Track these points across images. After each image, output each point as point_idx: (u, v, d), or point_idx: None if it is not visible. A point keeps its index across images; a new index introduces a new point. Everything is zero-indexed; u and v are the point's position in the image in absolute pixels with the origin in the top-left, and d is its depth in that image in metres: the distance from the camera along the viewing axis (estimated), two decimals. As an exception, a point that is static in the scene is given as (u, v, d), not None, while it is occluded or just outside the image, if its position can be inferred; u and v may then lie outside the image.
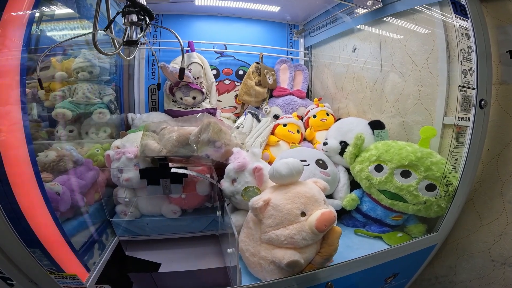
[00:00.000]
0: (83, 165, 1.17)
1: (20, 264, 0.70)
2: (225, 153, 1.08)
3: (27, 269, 0.71)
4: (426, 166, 0.94)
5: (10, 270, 0.70)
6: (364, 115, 1.42)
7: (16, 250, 0.70)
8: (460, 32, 0.84)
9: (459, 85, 0.84)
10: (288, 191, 0.83)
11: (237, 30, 1.74)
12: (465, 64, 0.84)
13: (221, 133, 1.09)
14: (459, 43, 0.83)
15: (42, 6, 0.91)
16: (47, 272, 0.73)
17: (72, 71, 1.28)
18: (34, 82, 1.21)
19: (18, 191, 0.77)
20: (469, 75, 0.85)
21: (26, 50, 0.81)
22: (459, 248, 1.09)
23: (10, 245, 0.70)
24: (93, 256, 1.06)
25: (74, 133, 1.34)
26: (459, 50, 0.84)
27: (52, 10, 0.98)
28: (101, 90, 1.36)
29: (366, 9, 1.21)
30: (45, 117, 1.26)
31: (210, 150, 1.05)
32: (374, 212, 1.09)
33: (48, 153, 1.08)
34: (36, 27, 0.95)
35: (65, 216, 1.02)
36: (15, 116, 0.80)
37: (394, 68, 1.22)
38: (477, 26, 0.84)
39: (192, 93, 1.51)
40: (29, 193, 0.82)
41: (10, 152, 0.78)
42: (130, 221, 1.24)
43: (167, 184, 1.18)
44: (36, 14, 0.85)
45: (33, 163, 0.84)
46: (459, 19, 0.84)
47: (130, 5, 0.77)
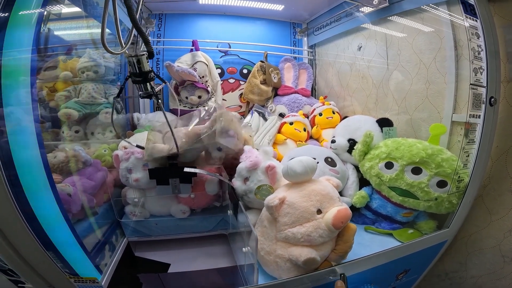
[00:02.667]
0: (91, 166, 1.16)
1: (38, 268, 0.69)
2: (237, 144, 1.07)
3: (46, 273, 0.70)
4: (437, 162, 0.95)
5: (27, 274, 0.69)
6: (369, 113, 1.43)
7: (34, 253, 0.69)
8: (470, 31, 0.85)
9: (470, 83, 0.85)
10: (303, 189, 0.83)
11: (241, 29, 1.74)
12: (475, 63, 0.86)
13: (232, 123, 1.09)
14: (470, 42, 0.84)
15: (50, 4, 0.90)
16: (67, 276, 0.72)
17: (77, 71, 1.27)
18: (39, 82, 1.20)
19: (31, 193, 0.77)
20: (479, 74, 0.86)
21: (35, 49, 0.80)
22: (469, 244, 1.11)
23: (28, 248, 0.69)
24: (104, 257, 1.05)
25: (80, 134, 1.33)
26: (469, 49, 0.85)
27: (59, 9, 0.96)
28: (107, 90, 1.34)
29: (372, 7, 1.22)
30: (49, 118, 1.24)
31: (224, 140, 1.04)
32: (384, 209, 1.10)
33: (56, 154, 1.06)
34: (44, 26, 0.94)
35: (76, 217, 1.01)
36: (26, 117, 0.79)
37: (401, 66, 1.24)
38: (486, 25, 0.86)
39: (197, 92, 1.51)
40: (41, 195, 0.81)
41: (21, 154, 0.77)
42: (139, 221, 1.23)
43: (176, 184, 1.17)
44: (44, 12, 0.83)
45: (45, 164, 0.83)
46: (469, 18, 0.86)
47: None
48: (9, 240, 0.64)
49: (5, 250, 0.65)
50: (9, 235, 0.64)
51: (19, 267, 0.68)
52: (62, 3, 0.94)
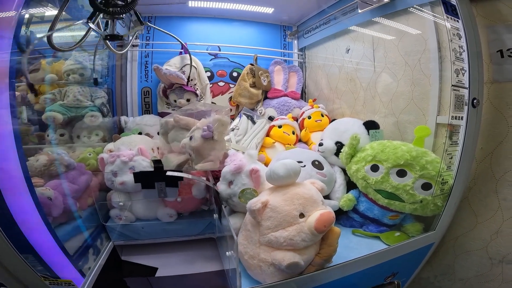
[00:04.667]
0: (75, 169, 1.15)
1: (13, 270, 0.68)
2: (215, 164, 1.09)
3: (21, 275, 0.69)
4: (421, 165, 0.95)
5: (4, 276, 0.68)
6: (357, 116, 1.43)
7: (9, 256, 0.68)
8: (452, 32, 0.85)
9: (451, 85, 0.86)
10: (286, 193, 0.83)
11: (231, 32, 1.74)
12: (457, 64, 0.86)
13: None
14: (451, 43, 0.84)
15: (32, 7, 0.89)
16: (41, 278, 0.71)
17: (62, 73, 1.26)
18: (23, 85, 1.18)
19: (9, 196, 0.75)
20: (461, 75, 0.86)
21: (15, 52, 0.79)
22: (456, 246, 1.11)
23: (3, 251, 0.67)
24: (88, 261, 1.04)
25: (66, 137, 1.31)
26: (451, 50, 0.85)
27: (42, 11, 0.96)
28: (93, 93, 1.33)
29: (371, 5, 1.20)
30: (35, 121, 1.23)
31: (201, 166, 1.07)
32: (371, 212, 1.09)
33: (39, 158, 1.05)
34: (26, 29, 0.93)
35: (58, 221, 0.99)
36: (4, 120, 0.78)
37: (387, 68, 1.24)
38: (468, 26, 0.86)
39: (186, 95, 1.50)
40: (20, 199, 0.80)
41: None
42: (125, 225, 1.22)
43: (162, 187, 1.16)
44: (26, 15, 0.82)
45: (24, 168, 0.82)
46: (450, 19, 0.86)
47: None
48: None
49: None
50: None
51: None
52: (45, 6, 0.93)
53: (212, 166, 1.09)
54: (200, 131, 1.08)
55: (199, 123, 1.12)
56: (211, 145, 1.09)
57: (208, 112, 1.22)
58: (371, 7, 1.16)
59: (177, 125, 1.21)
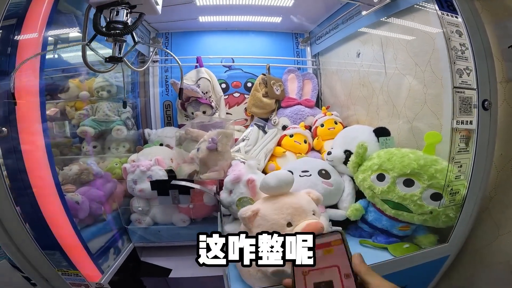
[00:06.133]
0: (102, 178, 1.31)
1: (34, 263, 0.80)
2: (220, 174, 1.14)
3: (41, 268, 0.81)
4: (430, 174, 0.88)
5: (26, 268, 0.81)
6: (373, 122, 1.36)
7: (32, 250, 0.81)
8: (449, 29, 0.78)
9: (454, 87, 0.78)
10: (277, 202, 0.84)
11: (244, 43, 1.80)
12: (459, 63, 0.78)
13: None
14: (449, 41, 0.78)
15: (53, 30, 0.99)
16: (55, 269, 0.82)
17: (93, 90, 1.44)
18: (63, 102, 1.39)
19: (42, 201, 0.90)
20: (465, 75, 0.78)
21: (43, 72, 0.94)
22: (477, 259, 1.00)
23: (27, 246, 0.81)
24: (108, 259, 1.16)
25: (98, 149, 1.49)
26: (449, 49, 0.78)
27: (63, 33, 1.09)
28: (119, 108, 1.50)
29: (373, 6, 1.17)
30: (74, 134, 1.43)
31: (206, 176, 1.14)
32: (380, 222, 1.03)
33: (72, 167, 1.22)
34: (51, 50, 1.07)
35: (84, 223, 1.14)
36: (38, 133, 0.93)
37: (398, 71, 1.17)
38: (470, 21, 0.78)
39: (202, 107, 1.60)
40: (51, 202, 0.94)
41: (34, 166, 0.91)
42: (144, 228, 1.34)
43: (175, 194, 1.25)
44: (49, 38, 0.94)
45: (54, 175, 0.96)
46: (446, 15, 0.79)
47: (113, 22, 0.84)
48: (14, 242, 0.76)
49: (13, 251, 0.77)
50: (15, 237, 0.76)
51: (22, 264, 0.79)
52: (66, 28, 1.09)
53: (217, 176, 1.15)
54: (205, 143, 1.15)
55: (206, 136, 1.19)
56: (216, 156, 1.15)
57: (219, 123, 1.29)
58: (374, 9, 1.12)
59: (188, 137, 1.30)
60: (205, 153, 1.14)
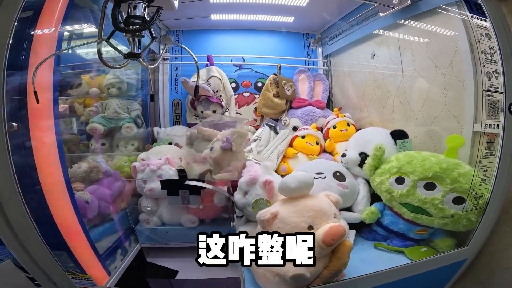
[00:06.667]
0: (111, 176, 1.28)
1: (41, 263, 0.77)
2: (234, 174, 1.11)
3: (48, 269, 0.77)
4: (452, 178, 0.86)
5: (34, 270, 0.77)
6: (386, 125, 1.35)
7: (39, 250, 0.77)
8: (479, 32, 0.77)
9: (483, 89, 0.77)
10: (296, 204, 0.82)
11: (254, 42, 1.78)
12: (488, 66, 0.77)
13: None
14: (479, 44, 0.76)
15: (69, 25, 0.98)
16: (66, 273, 0.79)
17: (103, 87, 1.42)
18: (71, 98, 1.36)
19: (51, 199, 0.86)
20: (494, 78, 0.77)
21: (58, 68, 0.92)
22: (494, 262, 0.98)
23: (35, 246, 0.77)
24: (115, 260, 1.13)
25: (106, 146, 1.46)
26: (479, 51, 0.77)
27: (79, 28, 1.07)
28: (129, 105, 1.47)
29: (392, 8, 1.16)
30: (82, 131, 1.40)
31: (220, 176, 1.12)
32: (396, 225, 1.02)
33: (81, 165, 1.19)
34: (66, 45, 1.05)
35: (92, 222, 1.11)
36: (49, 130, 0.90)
37: (416, 73, 1.16)
38: (498, 25, 0.77)
39: (212, 106, 1.57)
40: (60, 201, 0.91)
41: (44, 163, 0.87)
42: (151, 229, 1.30)
43: (185, 195, 1.22)
44: (65, 32, 0.93)
45: (65, 173, 0.93)
46: (476, 18, 0.78)
47: (131, 17, 0.81)
48: (21, 241, 0.73)
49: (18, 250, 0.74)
50: (21, 236, 0.73)
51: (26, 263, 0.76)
52: (82, 24, 1.06)
53: (231, 176, 1.12)
54: (219, 143, 1.13)
55: (219, 135, 1.17)
56: (230, 156, 1.13)
57: (231, 123, 1.26)
58: (392, 10, 1.10)
59: (200, 136, 1.28)
60: (218, 152, 1.11)
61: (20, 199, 0.74)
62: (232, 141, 1.09)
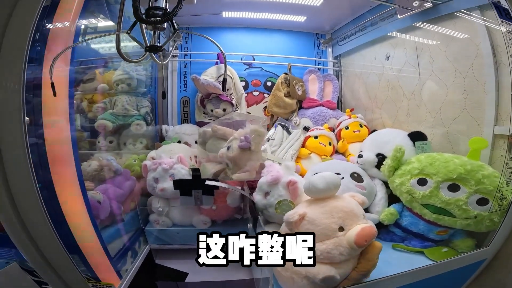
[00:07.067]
0: (121, 175, 1.23)
1: (58, 269, 0.73)
2: (252, 174, 1.09)
3: (65, 275, 0.73)
4: (477, 179, 0.86)
5: (48, 274, 0.72)
6: (401, 126, 1.35)
7: (57, 255, 0.73)
8: (508, 36, 0.78)
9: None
10: (325, 206, 0.80)
11: (265, 41, 1.77)
12: (517, 70, 0.78)
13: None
14: (508, 48, 0.77)
15: (87, 18, 0.96)
16: (86, 279, 0.75)
17: (112, 83, 1.37)
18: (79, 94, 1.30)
19: (63, 199, 0.81)
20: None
21: (74, 62, 0.87)
22: (510, 263, 0.99)
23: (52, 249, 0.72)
24: (126, 263, 1.09)
25: (114, 144, 1.41)
26: (509, 55, 0.78)
27: (94, 22, 1.03)
28: (138, 102, 1.43)
29: (411, 10, 1.16)
30: (87, 128, 1.34)
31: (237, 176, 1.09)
32: (416, 226, 1.02)
33: (91, 163, 1.14)
34: (82, 39, 1.01)
35: (103, 223, 1.06)
36: (64, 126, 0.86)
37: (434, 75, 1.16)
38: None
39: (222, 105, 1.54)
40: (73, 201, 0.86)
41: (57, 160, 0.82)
42: (161, 230, 1.27)
43: (199, 195, 1.19)
44: (82, 26, 0.90)
45: (79, 172, 0.88)
46: (505, 23, 0.79)
47: (153, 8, 0.78)
48: (36, 242, 0.68)
49: (32, 252, 0.69)
50: (36, 237, 0.68)
51: (42, 269, 0.71)
52: (98, 17, 1.02)
53: (249, 176, 1.10)
54: (237, 142, 1.10)
55: (237, 134, 1.14)
56: (248, 156, 1.10)
57: (244, 122, 1.24)
58: (411, 13, 1.11)
59: (214, 135, 1.25)
60: (236, 152, 1.09)
61: (38, 199, 0.69)
62: (251, 140, 1.06)
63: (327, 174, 0.82)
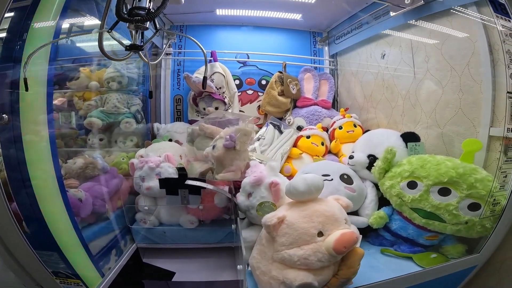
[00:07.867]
0: (108, 173, 1.22)
1: (28, 267, 0.72)
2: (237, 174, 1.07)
3: (34, 273, 0.72)
4: (469, 183, 0.82)
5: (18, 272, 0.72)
6: (396, 126, 1.30)
7: (25, 252, 0.73)
8: (504, 32, 0.74)
9: (507, 91, 0.73)
10: (305, 209, 0.77)
11: (260, 39, 1.74)
12: (512, 68, 0.73)
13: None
14: (504, 44, 0.72)
15: (69, 17, 0.94)
16: (54, 277, 0.74)
17: (103, 81, 1.36)
18: (70, 92, 1.30)
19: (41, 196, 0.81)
20: (519, 79, 0.73)
21: (54, 61, 0.87)
22: (502, 269, 0.95)
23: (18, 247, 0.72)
24: (109, 261, 1.08)
25: (104, 142, 1.41)
26: (504, 52, 0.73)
27: (79, 21, 1.03)
28: (129, 100, 1.42)
29: (403, 8, 1.12)
30: (80, 126, 1.34)
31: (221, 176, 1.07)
32: (405, 231, 0.98)
33: (76, 160, 1.14)
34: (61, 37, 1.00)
35: (86, 221, 1.06)
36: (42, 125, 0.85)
37: (430, 74, 1.11)
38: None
39: (214, 103, 1.52)
40: (51, 198, 0.85)
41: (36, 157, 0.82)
42: (148, 229, 1.26)
43: (185, 194, 1.17)
44: (63, 25, 0.88)
45: (57, 170, 0.88)
46: (500, 18, 0.74)
47: (136, 8, 0.77)
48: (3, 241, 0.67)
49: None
50: (4, 236, 0.67)
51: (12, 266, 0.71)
52: (83, 16, 1.01)
53: (234, 176, 1.07)
54: (222, 141, 1.08)
55: (222, 133, 1.12)
56: (233, 155, 1.08)
57: (234, 120, 1.21)
58: (404, 10, 1.07)
59: (202, 134, 1.23)
60: (221, 151, 1.06)
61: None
62: (236, 140, 1.04)
63: (310, 176, 0.79)
